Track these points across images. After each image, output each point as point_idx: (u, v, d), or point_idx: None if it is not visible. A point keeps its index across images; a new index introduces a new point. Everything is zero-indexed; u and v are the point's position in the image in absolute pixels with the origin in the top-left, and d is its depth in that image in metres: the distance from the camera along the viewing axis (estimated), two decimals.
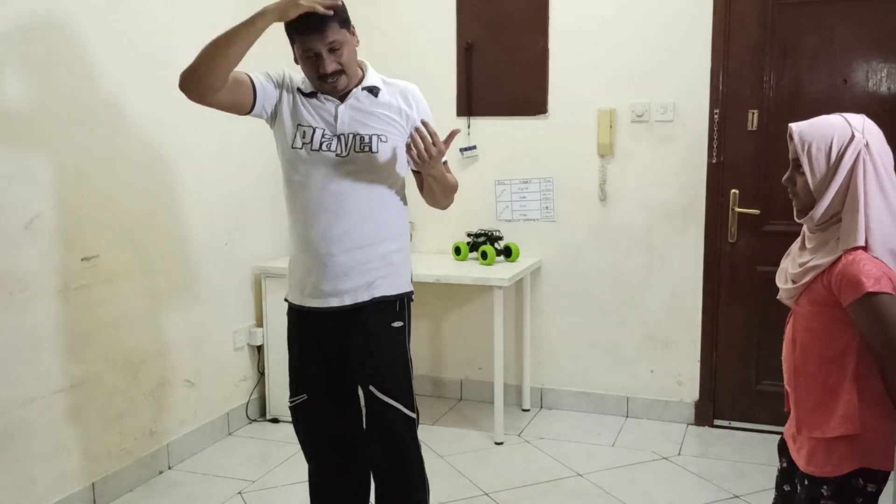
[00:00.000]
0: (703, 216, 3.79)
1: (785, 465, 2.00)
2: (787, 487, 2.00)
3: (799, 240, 1.91)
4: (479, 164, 4.09)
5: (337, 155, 2.26)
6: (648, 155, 3.84)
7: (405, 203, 2.42)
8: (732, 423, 3.86)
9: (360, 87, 2.28)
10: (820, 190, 1.76)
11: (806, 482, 1.85)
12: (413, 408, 2.39)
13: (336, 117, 2.27)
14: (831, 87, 3.54)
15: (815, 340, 1.81)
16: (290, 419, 3.84)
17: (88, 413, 3.01)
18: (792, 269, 1.86)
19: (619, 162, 3.89)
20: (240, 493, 3.21)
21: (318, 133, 2.26)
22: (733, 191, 3.72)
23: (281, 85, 2.31)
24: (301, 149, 2.27)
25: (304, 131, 2.27)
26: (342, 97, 2.28)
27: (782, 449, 2.02)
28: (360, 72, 2.31)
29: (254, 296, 3.95)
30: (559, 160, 3.99)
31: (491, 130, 4.07)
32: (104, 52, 3.00)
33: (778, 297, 1.94)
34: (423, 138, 2.16)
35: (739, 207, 3.72)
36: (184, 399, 3.50)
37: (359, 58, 2.31)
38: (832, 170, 1.74)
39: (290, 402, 2.48)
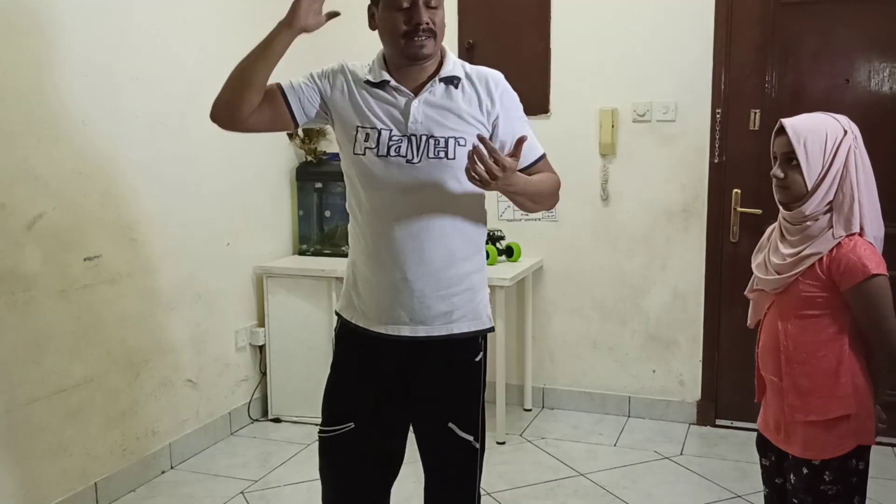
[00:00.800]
0: (705, 216, 3.79)
1: (773, 458, 2.04)
2: (778, 480, 2.03)
3: (775, 233, 2.00)
4: None
5: (408, 161, 1.92)
6: (650, 155, 3.84)
7: (485, 215, 2.09)
8: (734, 422, 3.86)
9: (437, 77, 1.96)
10: (815, 182, 1.84)
11: (805, 470, 1.90)
12: (481, 439, 2.13)
13: (407, 114, 1.93)
14: (833, 86, 3.54)
15: (808, 327, 1.89)
16: (291, 419, 3.90)
17: (91, 413, 3.02)
18: (778, 260, 1.94)
19: (620, 162, 3.89)
20: (242, 493, 3.21)
21: (385, 135, 1.93)
22: (735, 190, 3.72)
23: (328, 81, 2.01)
24: (364, 154, 1.94)
25: (368, 133, 1.94)
26: (416, 89, 1.96)
27: (763, 446, 2.07)
28: (440, 57, 1.99)
29: (256, 296, 3.96)
30: (561, 160, 3.92)
31: None
32: (106, 51, 3.01)
33: (754, 289, 2.07)
34: (481, 159, 1.78)
35: (741, 207, 3.72)
36: (186, 399, 3.51)
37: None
38: (828, 163, 1.84)
39: (327, 432, 2.07)
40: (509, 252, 3.93)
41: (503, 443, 3.70)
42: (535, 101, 3.97)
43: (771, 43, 3.61)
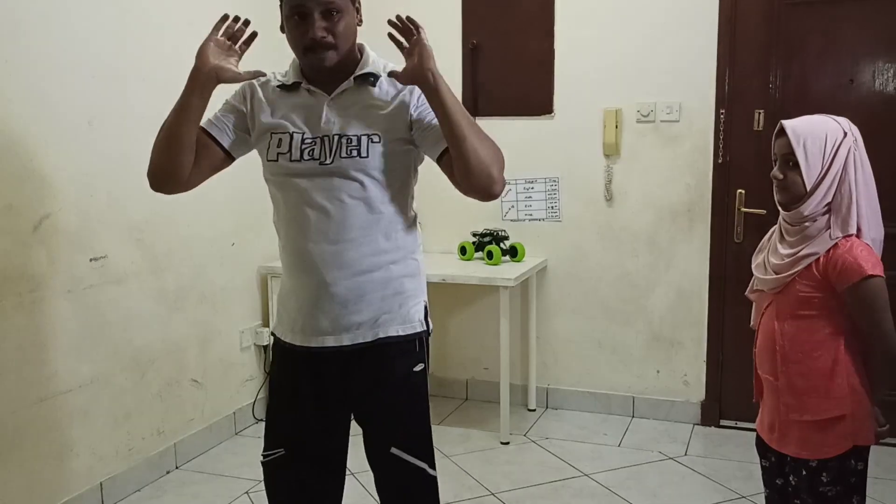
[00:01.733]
0: (709, 216, 3.79)
1: (773, 459, 2.05)
2: (779, 481, 2.04)
3: (776, 234, 2.01)
4: None
5: (321, 163, 1.84)
6: (654, 155, 3.84)
7: (413, 215, 2.00)
8: (739, 423, 3.86)
9: (352, 76, 1.89)
10: (814, 183, 1.86)
11: (804, 472, 1.91)
12: (434, 464, 2.00)
13: (321, 116, 1.87)
14: (837, 86, 3.54)
15: (804, 326, 1.90)
16: None
17: (96, 413, 3.03)
18: (776, 260, 1.95)
19: (624, 162, 3.89)
20: (247, 492, 3.22)
21: (298, 138, 1.87)
22: (739, 191, 3.72)
23: (244, 99, 1.96)
24: (277, 161, 1.88)
25: (280, 138, 1.88)
26: (328, 89, 1.89)
27: (762, 447, 2.08)
28: (357, 56, 1.92)
29: (260, 295, 3.97)
30: (565, 160, 3.99)
31: (496, 130, 3.96)
32: (113, 53, 3.02)
33: (754, 289, 2.09)
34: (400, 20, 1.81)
35: (745, 207, 3.72)
36: (191, 399, 3.52)
37: (358, 41, 1.94)
38: (827, 164, 1.86)
39: (263, 457, 2.01)
40: (513, 252, 3.93)
41: (507, 443, 3.70)
42: (539, 102, 3.97)
43: (775, 43, 3.60)
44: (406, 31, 1.80)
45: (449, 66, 4.06)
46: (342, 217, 1.86)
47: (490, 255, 3.86)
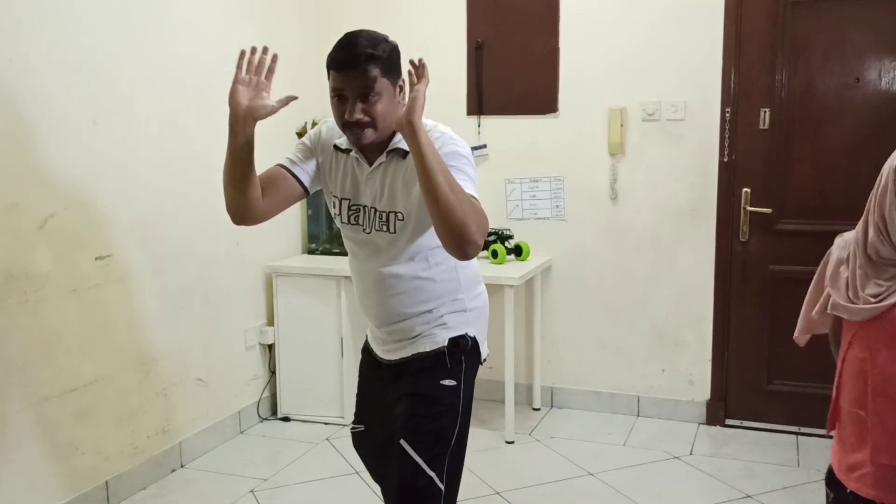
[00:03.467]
0: (715, 215, 3.78)
1: (834, 496, 1.82)
2: None
3: (859, 260, 1.75)
4: (490, 164, 4.09)
5: (364, 231, 2.04)
6: (659, 154, 3.83)
7: (449, 264, 2.09)
8: (744, 422, 3.85)
9: (387, 149, 1.97)
10: None
11: None
12: (444, 479, 2.03)
13: (362, 185, 2.03)
14: (844, 85, 3.53)
15: None
16: (300, 418, 3.92)
17: (101, 412, 3.03)
18: (872, 290, 1.70)
19: (629, 161, 3.88)
20: (252, 491, 3.22)
21: (346, 204, 2.06)
22: (745, 189, 3.71)
23: (315, 149, 2.09)
24: (337, 216, 2.10)
25: (335, 201, 2.08)
26: (371, 160, 2.01)
27: (831, 482, 1.84)
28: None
29: (265, 295, 3.97)
30: (569, 159, 3.98)
31: (501, 129, 4.07)
32: (116, 53, 3.02)
33: (844, 313, 1.78)
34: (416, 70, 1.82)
35: (751, 206, 3.71)
36: (195, 398, 3.52)
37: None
38: None
39: (352, 427, 2.35)
40: (518, 251, 3.93)
41: (512, 442, 3.70)
42: (544, 101, 3.97)
43: (781, 41, 3.59)
44: (418, 73, 1.82)
45: (454, 64, 4.08)
46: (382, 276, 2.05)
47: (495, 254, 3.85)
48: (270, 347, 3.98)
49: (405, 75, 1.88)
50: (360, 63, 1.84)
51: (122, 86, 3.06)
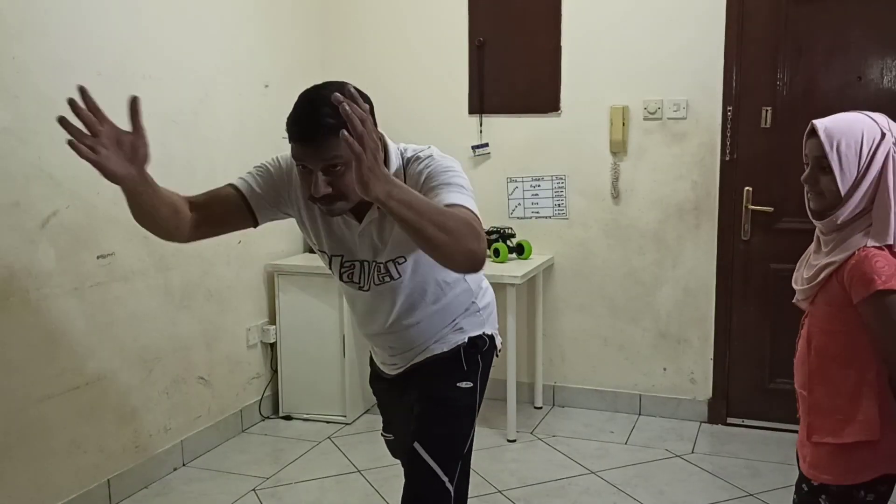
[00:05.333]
0: (717, 214, 3.78)
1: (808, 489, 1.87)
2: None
3: (814, 243, 1.85)
4: (492, 162, 4.09)
5: (360, 287, 1.97)
6: (661, 152, 3.83)
7: (457, 282, 2.05)
8: (746, 421, 3.85)
9: (375, 206, 1.77)
10: (848, 189, 1.69)
11: (804, 488, 1.79)
12: (454, 481, 1.99)
13: (354, 242, 1.90)
14: (846, 83, 3.53)
15: (831, 343, 1.75)
16: (302, 416, 3.93)
17: (104, 410, 3.04)
18: (807, 272, 1.81)
19: (631, 159, 3.88)
20: (254, 490, 3.23)
21: (337, 262, 1.95)
22: (747, 188, 3.71)
23: (279, 185, 1.90)
24: (328, 267, 2.02)
25: (320, 254, 1.99)
26: (359, 216, 1.85)
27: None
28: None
29: (267, 293, 3.97)
30: (571, 158, 3.98)
31: (503, 128, 4.07)
32: (119, 50, 3.02)
33: (794, 300, 1.90)
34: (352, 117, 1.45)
35: (753, 205, 3.71)
36: (198, 396, 3.53)
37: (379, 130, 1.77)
38: (863, 169, 1.68)
39: (382, 434, 2.39)
40: (520, 250, 3.93)
41: (514, 440, 3.70)
42: (546, 99, 3.97)
43: (783, 40, 3.59)
44: (354, 145, 1.45)
45: (455, 63, 4.07)
46: (385, 322, 2.02)
47: (497, 252, 3.85)
48: (272, 346, 3.98)
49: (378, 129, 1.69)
50: (322, 135, 1.62)
51: (124, 84, 3.05)
